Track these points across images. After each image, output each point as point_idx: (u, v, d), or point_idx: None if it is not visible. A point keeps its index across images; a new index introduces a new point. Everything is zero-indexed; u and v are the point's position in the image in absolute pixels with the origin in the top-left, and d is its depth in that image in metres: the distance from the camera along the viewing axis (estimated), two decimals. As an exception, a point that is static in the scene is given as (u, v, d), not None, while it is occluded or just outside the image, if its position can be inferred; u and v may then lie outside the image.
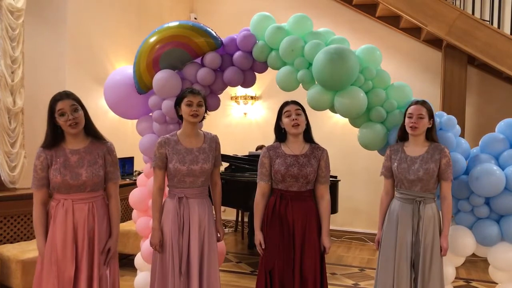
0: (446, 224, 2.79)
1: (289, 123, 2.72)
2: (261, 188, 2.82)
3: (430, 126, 2.78)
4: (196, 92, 2.72)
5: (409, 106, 2.80)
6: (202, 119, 2.80)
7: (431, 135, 2.81)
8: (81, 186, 2.46)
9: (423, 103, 2.77)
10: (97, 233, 2.49)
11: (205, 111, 2.78)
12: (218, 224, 2.86)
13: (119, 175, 2.67)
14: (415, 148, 2.80)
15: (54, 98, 2.44)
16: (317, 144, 2.84)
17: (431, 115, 2.76)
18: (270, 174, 2.79)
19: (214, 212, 2.87)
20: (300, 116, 2.72)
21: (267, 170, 2.79)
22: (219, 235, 2.86)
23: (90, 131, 2.54)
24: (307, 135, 2.82)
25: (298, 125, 2.71)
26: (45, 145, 2.46)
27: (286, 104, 2.79)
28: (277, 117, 2.83)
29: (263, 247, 2.73)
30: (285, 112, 2.75)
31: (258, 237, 2.77)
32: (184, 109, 2.68)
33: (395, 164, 2.81)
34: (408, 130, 2.76)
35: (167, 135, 2.79)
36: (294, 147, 2.78)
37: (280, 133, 2.83)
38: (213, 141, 2.81)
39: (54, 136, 2.46)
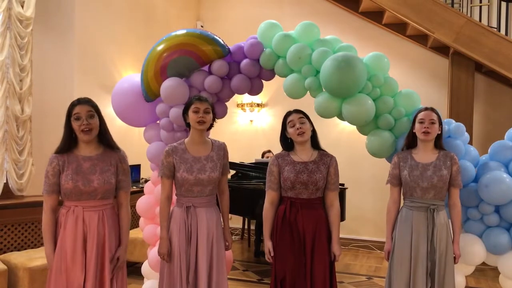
0: (457, 231, 2.77)
1: (294, 133, 2.71)
2: (270, 196, 2.80)
3: (439, 132, 2.77)
4: (204, 99, 2.71)
5: (419, 112, 2.79)
6: (210, 127, 2.78)
7: (439, 142, 2.80)
8: (92, 192, 2.46)
9: (432, 109, 2.78)
10: (108, 241, 2.48)
11: (213, 119, 2.76)
12: (226, 232, 2.84)
13: (130, 184, 2.66)
14: (425, 155, 2.77)
15: (72, 102, 2.48)
16: (325, 151, 2.83)
17: (440, 122, 2.76)
18: (279, 182, 2.77)
19: (222, 220, 2.86)
20: (304, 124, 2.71)
21: (275, 178, 2.77)
22: (227, 243, 2.84)
23: (104, 139, 2.54)
24: (314, 142, 2.81)
25: (304, 133, 2.71)
26: (58, 150, 2.47)
27: (288, 114, 2.78)
28: (281, 128, 2.82)
29: (272, 255, 2.72)
30: (289, 122, 2.75)
31: (268, 245, 2.75)
32: (191, 116, 2.67)
33: (405, 171, 2.77)
34: (421, 136, 2.73)
35: (175, 144, 2.76)
36: (303, 154, 2.77)
37: (287, 143, 2.82)
38: (221, 149, 2.79)
39: (69, 141, 2.47)
